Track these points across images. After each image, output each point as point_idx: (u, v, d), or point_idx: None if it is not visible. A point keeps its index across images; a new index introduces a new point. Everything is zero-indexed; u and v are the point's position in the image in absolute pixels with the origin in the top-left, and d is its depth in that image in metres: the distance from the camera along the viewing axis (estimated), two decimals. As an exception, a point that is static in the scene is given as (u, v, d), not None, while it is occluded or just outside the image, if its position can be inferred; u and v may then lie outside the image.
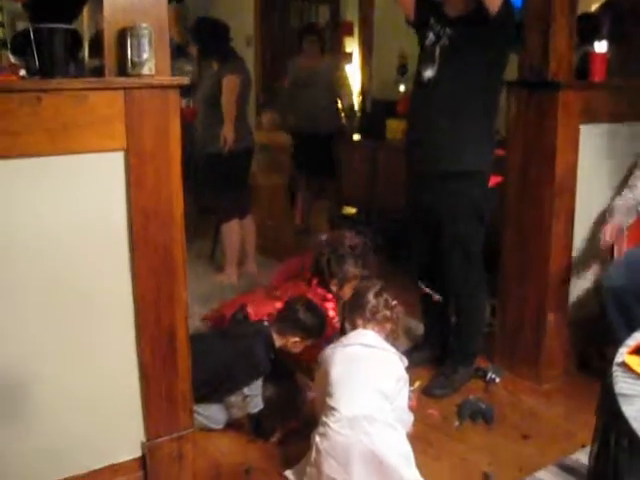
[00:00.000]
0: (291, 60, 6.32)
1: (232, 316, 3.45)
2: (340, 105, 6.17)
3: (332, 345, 2.80)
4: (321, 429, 2.57)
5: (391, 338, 2.88)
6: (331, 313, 3.50)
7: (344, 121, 6.23)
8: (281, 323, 3.20)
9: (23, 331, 2.18)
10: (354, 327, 2.84)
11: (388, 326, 2.86)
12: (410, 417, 2.85)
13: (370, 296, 2.85)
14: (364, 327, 2.82)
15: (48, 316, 2.22)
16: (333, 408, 2.55)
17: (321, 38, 6.22)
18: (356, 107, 6.82)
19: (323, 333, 3.25)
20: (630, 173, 3.40)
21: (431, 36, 3.25)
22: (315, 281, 3.65)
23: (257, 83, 7.89)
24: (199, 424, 2.99)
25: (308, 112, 5.97)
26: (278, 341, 3.16)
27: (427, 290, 3.52)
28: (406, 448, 2.58)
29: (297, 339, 3.17)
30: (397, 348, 2.87)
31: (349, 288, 3.48)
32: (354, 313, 2.86)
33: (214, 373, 3.00)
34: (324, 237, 3.88)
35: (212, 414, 3.07)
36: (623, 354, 1.65)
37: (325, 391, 2.64)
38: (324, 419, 2.57)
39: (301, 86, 6.02)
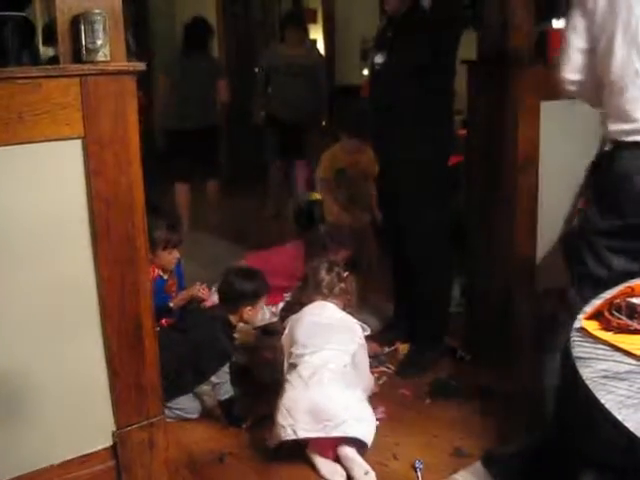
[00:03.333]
0: (269, 47, 6.32)
1: (183, 308, 3.50)
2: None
3: (296, 314, 2.95)
4: (285, 385, 2.74)
5: (349, 308, 3.04)
6: None
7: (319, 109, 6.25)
8: (226, 302, 3.23)
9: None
10: (311, 299, 3.01)
11: (345, 297, 3.01)
12: (371, 381, 3.04)
13: (323, 273, 2.97)
14: (324, 301, 2.98)
15: (11, 309, 2.19)
16: (294, 365, 2.73)
17: (304, 27, 6.23)
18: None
19: (265, 289, 3.28)
20: None
21: (383, 23, 3.30)
22: None
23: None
24: (175, 417, 3.02)
25: (288, 101, 6.00)
26: (233, 319, 3.19)
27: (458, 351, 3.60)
28: (358, 408, 2.69)
29: (249, 308, 3.18)
30: (354, 316, 3.05)
31: None
32: (311, 292, 3.00)
33: (180, 367, 3.02)
34: None
35: (185, 405, 3.08)
36: (581, 319, 1.67)
37: (289, 353, 2.81)
38: (287, 377, 2.75)
39: (282, 74, 6.02)
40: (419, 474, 2.65)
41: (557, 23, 3.46)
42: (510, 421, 2.99)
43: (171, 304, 3.47)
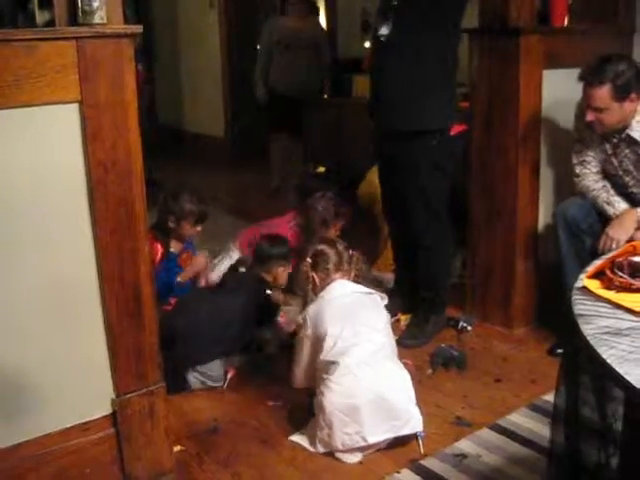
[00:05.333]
0: (271, 19, 6.26)
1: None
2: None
3: (314, 304, 2.80)
4: (323, 388, 2.58)
5: (361, 281, 2.94)
6: None
7: (323, 83, 6.21)
8: (261, 263, 3.52)
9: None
10: (325, 282, 2.86)
11: (353, 272, 2.91)
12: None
13: (329, 251, 2.89)
14: (341, 279, 2.85)
15: (9, 274, 2.18)
16: (334, 362, 2.57)
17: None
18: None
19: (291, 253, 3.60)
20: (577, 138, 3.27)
21: None
22: None
23: (222, 46, 7.83)
24: (200, 384, 3.08)
25: (291, 74, 5.96)
26: (268, 277, 3.49)
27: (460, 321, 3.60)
28: (410, 385, 2.64)
29: (281, 268, 3.51)
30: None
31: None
32: (321, 270, 2.88)
33: (226, 328, 3.11)
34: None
35: (214, 372, 3.12)
36: (582, 279, 1.66)
37: (320, 350, 2.64)
38: (325, 377, 2.59)
39: (285, 47, 5.97)
40: (420, 443, 2.64)
41: (561, -9, 3.43)
42: (511, 389, 3.01)
43: (179, 279, 3.46)
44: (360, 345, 2.60)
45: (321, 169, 5.05)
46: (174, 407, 2.85)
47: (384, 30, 3.19)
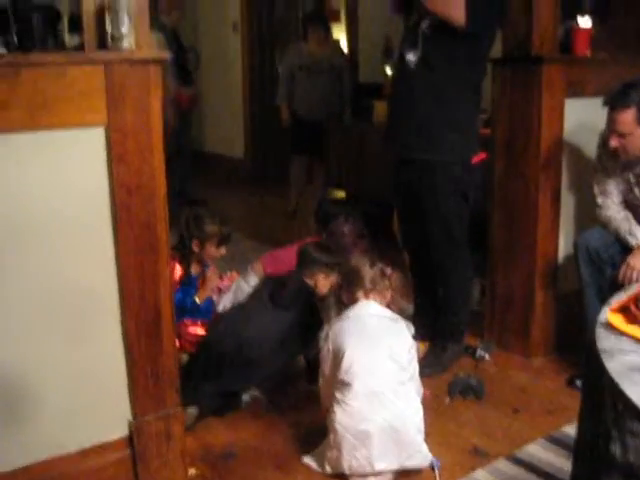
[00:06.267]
0: (292, 44, 6.32)
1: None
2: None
3: (337, 320, 2.79)
4: (336, 408, 2.57)
5: (392, 306, 2.87)
6: None
7: (343, 107, 6.25)
8: (301, 264, 3.39)
9: (8, 309, 2.17)
10: (355, 300, 2.81)
11: (388, 295, 2.84)
12: (420, 384, 2.82)
13: (367, 267, 2.83)
14: (366, 298, 2.79)
15: (32, 294, 2.20)
16: (348, 384, 2.55)
17: (327, 25, 6.25)
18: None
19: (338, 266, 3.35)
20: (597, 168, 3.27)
21: (415, 17, 3.23)
22: None
23: (244, 69, 7.90)
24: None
25: (312, 98, 6.02)
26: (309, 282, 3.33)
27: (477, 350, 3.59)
28: (420, 419, 2.61)
29: (323, 275, 3.32)
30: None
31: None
32: (353, 287, 2.82)
33: (283, 342, 3.08)
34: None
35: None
36: (606, 313, 1.65)
37: (336, 368, 2.62)
38: (339, 396, 2.57)
39: (305, 71, 6.04)
40: (437, 473, 2.62)
41: (582, 21, 3.43)
42: (529, 419, 2.98)
43: (197, 300, 3.45)
44: (376, 372, 2.57)
45: (340, 194, 5.06)
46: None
47: (412, 56, 3.19)
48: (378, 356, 2.61)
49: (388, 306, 2.83)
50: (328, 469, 2.62)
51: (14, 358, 2.20)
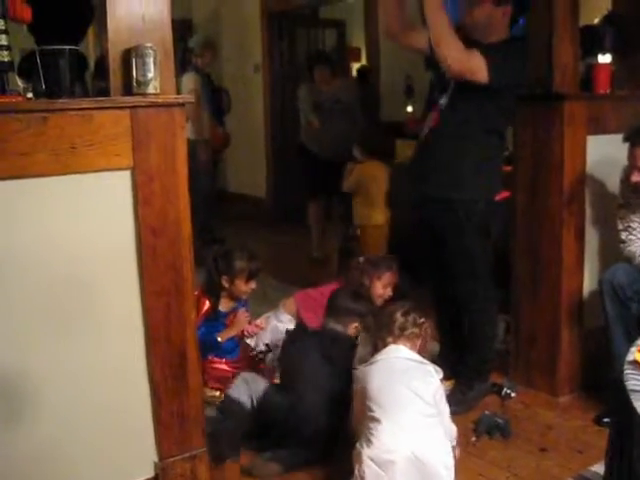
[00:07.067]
0: (304, 85, 6.38)
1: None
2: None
3: (367, 362, 2.81)
4: (364, 441, 2.57)
5: (423, 353, 2.87)
6: None
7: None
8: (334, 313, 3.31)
9: (37, 348, 2.19)
10: (384, 345, 2.83)
11: (418, 342, 2.85)
12: (454, 427, 2.81)
13: (398, 314, 2.86)
14: (395, 344, 2.81)
15: (60, 336, 2.22)
16: (378, 420, 2.56)
17: (331, 64, 6.30)
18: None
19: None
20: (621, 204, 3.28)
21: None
22: None
23: (266, 109, 7.97)
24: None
25: (324, 138, 6.05)
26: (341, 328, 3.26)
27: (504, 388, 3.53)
28: (451, 460, 2.58)
29: (355, 324, 3.26)
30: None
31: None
32: (383, 331, 2.86)
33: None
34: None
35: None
36: (634, 352, 1.64)
37: (364, 405, 2.65)
38: (366, 431, 2.58)
39: (316, 110, 6.09)
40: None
41: (603, 58, 3.45)
42: (557, 458, 2.94)
43: (219, 338, 3.44)
44: (403, 407, 2.58)
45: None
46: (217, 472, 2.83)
47: (444, 100, 3.24)
48: (404, 393, 2.62)
49: (419, 352, 2.84)
50: None
51: (43, 399, 2.21)
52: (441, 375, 2.77)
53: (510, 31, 3.26)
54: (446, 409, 2.75)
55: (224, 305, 3.50)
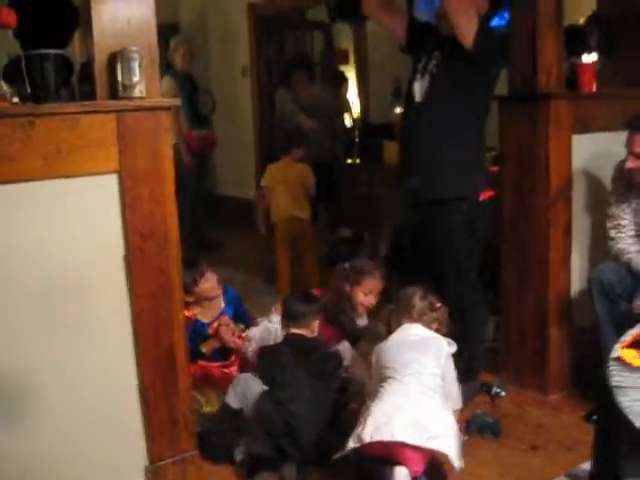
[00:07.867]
0: (280, 91, 6.36)
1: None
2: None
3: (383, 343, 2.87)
4: (375, 397, 2.65)
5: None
6: None
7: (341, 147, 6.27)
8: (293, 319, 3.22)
9: (25, 352, 2.19)
10: (399, 325, 2.91)
11: (434, 326, 2.92)
12: (458, 392, 2.89)
13: (416, 299, 2.92)
14: (410, 324, 2.89)
15: (48, 340, 2.22)
16: (388, 381, 2.66)
17: (309, 68, 6.30)
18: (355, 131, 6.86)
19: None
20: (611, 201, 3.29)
21: (423, 60, 3.29)
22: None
23: (254, 112, 7.96)
24: None
25: (313, 142, 6.01)
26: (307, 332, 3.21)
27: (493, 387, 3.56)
28: (451, 423, 2.63)
29: (317, 321, 3.22)
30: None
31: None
32: (400, 316, 2.92)
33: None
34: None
35: None
36: (618, 349, 1.65)
37: (380, 375, 2.74)
38: (380, 386, 2.68)
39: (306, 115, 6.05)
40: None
41: (587, 57, 3.47)
42: (548, 456, 2.95)
43: (203, 349, 3.35)
44: (413, 376, 2.66)
45: (346, 233, 5.06)
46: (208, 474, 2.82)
47: (419, 96, 3.26)
48: (417, 362, 2.70)
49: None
50: (351, 443, 2.60)
51: (32, 404, 2.21)
52: (454, 348, 2.85)
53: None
54: (452, 374, 2.82)
55: (203, 314, 3.44)
